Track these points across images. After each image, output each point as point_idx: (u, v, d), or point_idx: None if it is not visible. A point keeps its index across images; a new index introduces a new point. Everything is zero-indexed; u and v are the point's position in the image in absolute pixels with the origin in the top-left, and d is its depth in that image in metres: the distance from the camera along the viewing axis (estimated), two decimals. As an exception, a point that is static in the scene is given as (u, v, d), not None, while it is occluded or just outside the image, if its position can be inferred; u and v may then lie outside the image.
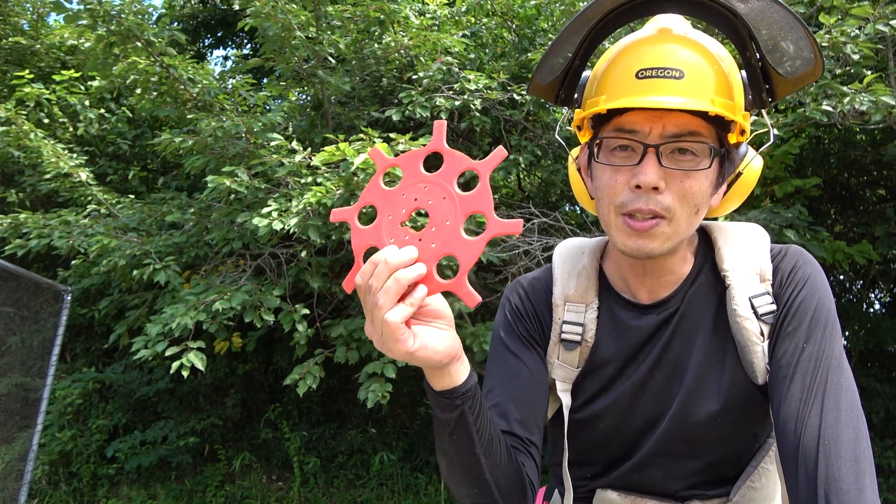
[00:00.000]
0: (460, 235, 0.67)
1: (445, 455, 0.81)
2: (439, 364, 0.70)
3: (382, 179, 0.74)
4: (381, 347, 0.67)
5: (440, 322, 0.71)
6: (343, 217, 0.74)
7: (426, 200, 0.70)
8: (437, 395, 0.75)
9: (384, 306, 0.64)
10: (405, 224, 0.71)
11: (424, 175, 0.71)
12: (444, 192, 0.69)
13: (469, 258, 0.67)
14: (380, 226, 0.71)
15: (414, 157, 0.72)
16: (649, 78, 0.79)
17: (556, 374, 0.97)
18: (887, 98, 2.72)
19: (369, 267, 0.67)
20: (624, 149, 0.83)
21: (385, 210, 0.72)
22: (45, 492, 4.77)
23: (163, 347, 3.09)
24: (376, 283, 0.65)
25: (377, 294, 0.65)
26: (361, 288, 0.67)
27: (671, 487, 0.94)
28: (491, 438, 0.80)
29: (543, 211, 3.77)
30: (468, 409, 0.75)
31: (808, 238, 3.21)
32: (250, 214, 3.23)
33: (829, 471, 0.71)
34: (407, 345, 0.66)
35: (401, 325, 0.64)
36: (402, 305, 0.65)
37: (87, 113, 5.31)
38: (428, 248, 0.68)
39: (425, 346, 0.67)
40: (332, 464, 5.06)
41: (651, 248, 0.83)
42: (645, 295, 0.94)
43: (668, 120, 0.80)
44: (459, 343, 0.73)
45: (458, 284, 0.67)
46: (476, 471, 0.80)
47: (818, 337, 0.82)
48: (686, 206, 0.82)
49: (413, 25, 4.40)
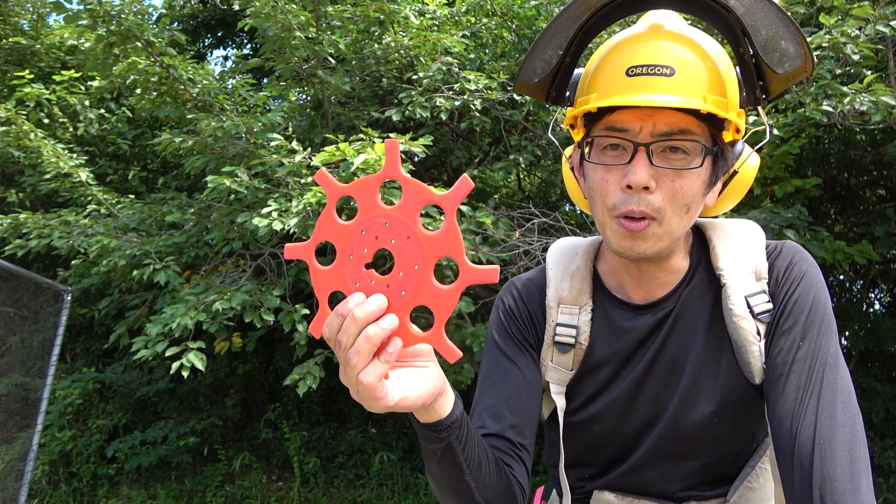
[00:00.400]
0: (431, 283, 0.61)
1: (435, 479, 0.80)
2: (423, 407, 0.68)
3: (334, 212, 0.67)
4: (360, 401, 0.63)
5: (420, 360, 0.67)
6: (298, 255, 0.67)
7: (388, 239, 0.63)
8: (422, 427, 0.73)
9: (357, 366, 0.59)
10: (368, 266, 0.64)
11: (382, 208, 0.64)
12: (407, 230, 0.62)
13: (444, 310, 0.61)
14: (341, 267, 0.65)
15: (367, 186, 0.65)
16: (639, 76, 0.78)
17: (550, 377, 0.96)
18: (887, 98, 2.71)
19: (336, 320, 0.61)
20: (615, 147, 0.82)
21: (344, 249, 0.65)
22: (45, 492, 4.77)
23: (163, 347, 3.09)
24: (346, 340, 0.60)
25: (348, 352, 0.60)
26: (330, 340, 0.62)
27: (668, 488, 0.93)
28: (480, 462, 0.78)
29: (543, 211, 3.77)
30: (455, 440, 0.74)
31: (808, 238, 3.21)
32: (250, 214, 3.23)
33: (825, 470, 0.71)
34: (386, 401, 0.61)
35: (377, 384, 0.60)
36: (377, 363, 0.60)
37: (87, 113, 5.32)
38: (398, 295, 0.62)
39: (405, 398, 0.63)
40: (332, 464, 5.06)
41: (643, 248, 0.82)
42: (640, 295, 0.94)
43: (659, 118, 0.79)
44: (443, 377, 0.69)
45: (436, 338, 0.62)
46: (466, 494, 0.79)
47: (814, 335, 0.81)
48: (676, 206, 0.81)
49: (413, 25, 4.40)
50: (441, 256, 0.61)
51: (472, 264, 0.60)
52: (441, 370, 0.69)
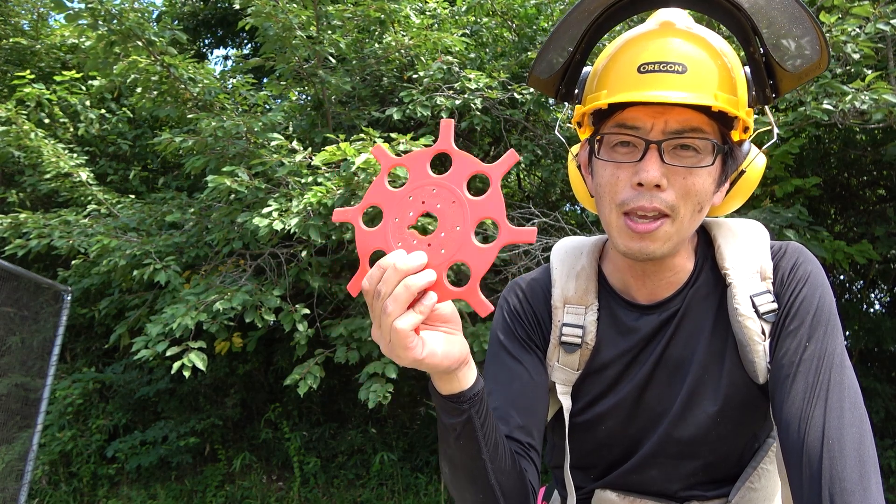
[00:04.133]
0: (472, 242, 0.65)
1: (450, 460, 0.80)
2: (448, 370, 0.69)
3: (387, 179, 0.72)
4: (389, 354, 0.66)
5: (448, 326, 0.69)
6: (346, 218, 0.72)
7: (434, 204, 0.67)
8: (443, 399, 0.73)
9: (393, 313, 0.63)
10: (412, 228, 0.68)
11: (432, 177, 0.68)
12: (453, 195, 0.66)
13: (481, 266, 0.64)
14: (386, 228, 0.69)
15: (420, 157, 0.69)
16: (651, 72, 0.78)
17: (556, 377, 0.96)
18: (889, 96, 2.71)
19: (377, 272, 0.64)
20: (625, 145, 0.82)
21: (391, 212, 0.69)
22: (45, 492, 4.77)
23: (163, 348, 3.09)
24: (385, 289, 0.63)
25: (386, 301, 0.63)
26: (369, 293, 0.65)
27: (670, 488, 0.93)
28: (496, 443, 0.79)
29: (543, 211, 3.76)
30: (475, 414, 0.74)
31: (808, 238, 3.21)
32: (250, 214, 3.23)
33: (834, 470, 0.70)
34: (416, 352, 0.64)
35: (410, 333, 0.63)
36: (412, 313, 0.63)
37: (88, 113, 5.31)
38: (438, 253, 0.65)
39: (434, 353, 0.66)
40: (332, 464, 5.06)
41: (652, 249, 0.82)
42: (644, 295, 0.93)
43: (671, 115, 0.79)
44: (468, 347, 0.72)
45: (471, 293, 0.65)
46: (481, 476, 0.79)
47: (820, 335, 0.81)
48: (689, 204, 0.81)
49: (413, 25, 4.40)
50: (483, 219, 0.65)
51: (512, 226, 0.64)
52: (466, 342, 0.72)
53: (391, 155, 0.71)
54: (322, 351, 3.44)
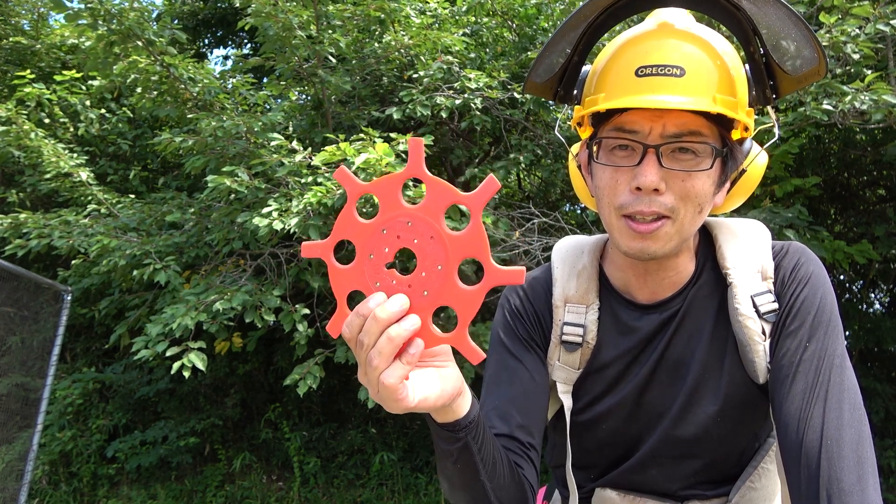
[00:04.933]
0: (455, 284, 0.60)
1: (449, 479, 0.80)
2: (443, 407, 0.67)
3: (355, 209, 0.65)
4: (379, 402, 0.62)
5: (439, 360, 0.66)
6: (316, 253, 0.65)
7: (411, 239, 0.61)
8: (439, 427, 0.72)
9: (378, 367, 0.59)
10: (390, 265, 0.63)
11: (405, 207, 0.62)
12: (431, 230, 0.61)
13: (468, 310, 0.60)
14: (361, 266, 0.63)
15: (390, 183, 0.63)
16: (649, 76, 0.77)
17: (557, 376, 0.96)
18: (889, 97, 2.71)
19: (356, 320, 0.60)
20: (624, 148, 0.82)
21: (364, 248, 0.63)
22: (45, 492, 4.77)
23: (163, 348, 3.09)
24: (367, 340, 0.59)
25: (369, 352, 0.59)
26: (351, 341, 0.61)
27: (670, 487, 0.93)
28: (494, 462, 0.78)
29: (543, 211, 3.76)
30: (472, 440, 0.73)
31: (808, 238, 3.21)
32: (250, 214, 3.23)
33: (832, 471, 0.70)
34: (407, 402, 0.61)
35: (399, 386, 0.59)
36: (399, 365, 0.59)
37: (88, 113, 5.31)
38: (420, 295, 0.61)
39: (426, 398, 0.63)
40: (332, 464, 5.06)
41: (654, 249, 0.82)
42: (646, 295, 0.93)
43: (669, 119, 0.78)
44: (461, 378, 0.69)
45: (460, 339, 0.60)
46: (481, 495, 0.79)
47: (821, 336, 0.81)
48: (689, 206, 0.81)
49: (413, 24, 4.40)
50: (465, 257, 0.60)
51: (498, 265, 0.59)
52: (459, 370, 0.69)
53: (357, 181, 0.64)
54: (322, 351, 3.44)
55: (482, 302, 0.61)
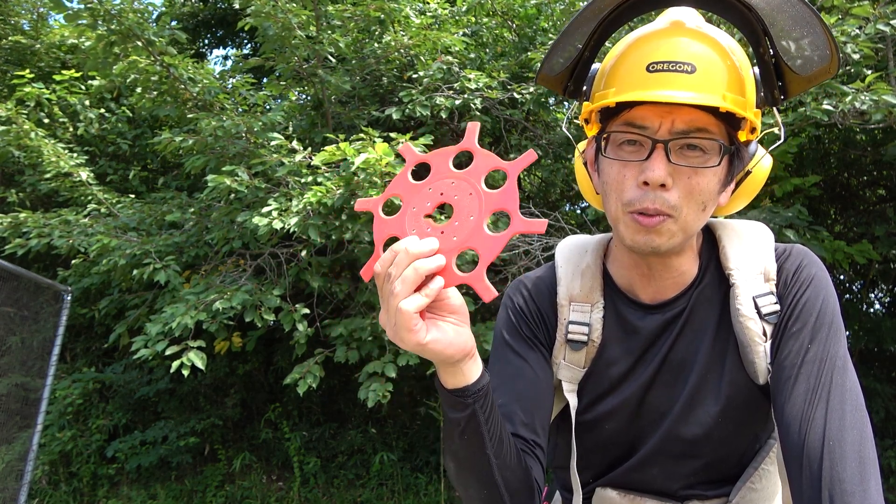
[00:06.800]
0: (483, 230, 0.67)
1: (455, 456, 0.80)
2: (451, 359, 0.70)
3: (410, 174, 0.75)
4: (394, 337, 0.67)
5: (455, 317, 0.70)
6: (367, 207, 0.75)
7: (452, 195, 0.70)
8: (448, 393, 0.74)
9: (400, 294, 0.64)
10: (429, 217, 0.71)
11: (452, 171, 0.71)
12: (471, 188, 0.69)
13: (490, 253, 0.67)
14: (403, 217, 0.72)
15: (444, 154, 0.73)
16: (660, 72, 0.78)
17: (563, 375, 0.96)
18: (889, 97, 2.71)
19: (389, 255, 0.67)
20: (632, 143, 0.82)
21: (410, 202, 0.72)
22: (45, 492, 4.77)
23: (163, 347, 3.09)
24: (395, 272, 0.65)
25: (394, 282, 0.65)
26: (380, 276, 0.67)
27: (671, 487, 0.93)
28: (501, 438, 0.79)
29: (543, 211, 3.77)
30: (479, 409, 0.75)
31: (808, 238, 3.21)
32: (250, 214, 3.23)
33: (834, 472, 0.70)
34: (419, 335, 0.65)
35: (414, 315, 0.64)
36: (418, 295, 0.65)
37: (87, 113, 5.31)
38: (449, 240, 0.68)
39: (437, 340, 0.67)
40: (332, 464, 5.06)
41: (658, 243, 0.82)
42: (650, 295, 0.93)
43: (678, 115, 0.79)
44: (473, 340, 0.72)
45: (477, 278, 0.67)
46: (486, 471, 0.79)
47: (823, 338, 0.81)
48: (693, 204, 0.81)
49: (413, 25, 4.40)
50: (497, 210, 0.68)
51: (523, 217, 0.65)
52: (472, 335, 0.72)
53: (417, 152, 0.75)
54: (322, 350, 3.44)
55: (503, 246, 0.67)
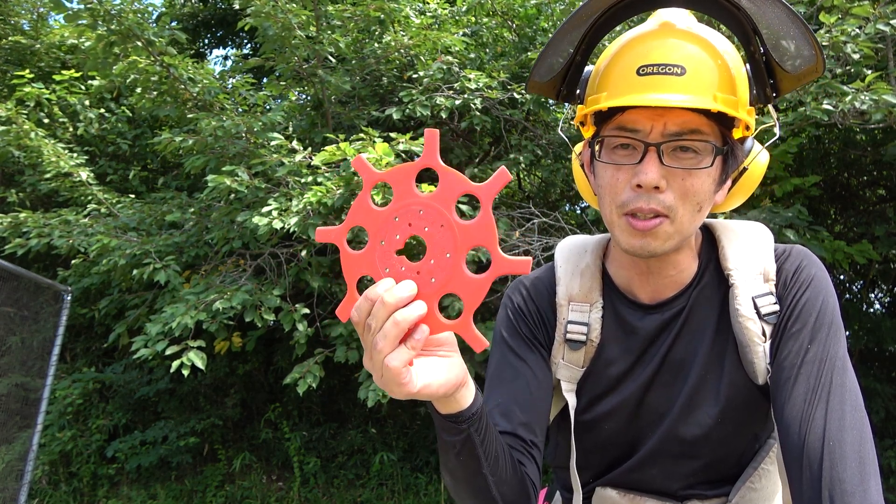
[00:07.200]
0: (463, 272, 0.62)
1: (451, 474, 0.80)
2: (445, 396, 0.68)
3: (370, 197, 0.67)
4: (383, 387, 0.64)
5: (444, 350, 0.67)
6: (329, 238, 0.68)
7: (422, 227, 0.63)
8: (442, 418, 0.73)
9: (383, 350, 0.60)
10: (401, 252, 0.65)
11: (418, 196, 0.64)
12: (442, 218, 0.62)
13: (474, 298, 0.62)
14: (373, 253, 0.65)
15: (404, 172, 0.65)
16: (650, 75, 0.78)
17: (562, 375, 0.96)
18: (889, 97, 2.71)
19: (365, 304, 0.62)
20: (625, 147, 0.82)
21: (376, 234, 0.65)
22: (45, 492, 4.77)
23: (163, 347, 3.09)
24: (374, 324, 0.61)
25: (375, 336, 0.61)
26: (358, 325, 0.63)
27: (670, 486, 0.93)
28: (497, 456, 0.79)
29: (543, 211, 3.76)
30: (474, 432, 0.74)
31: (808, 238, 3.21)
32: (250, 214, 3.23)
33: (834, 472, 0.71)
34: (409, 387, 0.62)
35: (402, 370, 0.61)
36: (403, 349, 0.61)
37: (87, 113, 5.31)
38: (427, 282, 0.62)
39: (428, 385, 0.64)
40: (332, 464, 5.06)
41: (654, 246, 0.82)
42: (649, 294, 0.93)
43: (670, 118, 0.79)
44: (465, 369, 0.69)
45: (464, 326, 0.62)
46: (483, 488, 0.79)
47: (822, 338, 0.81)
48: (688, 205, 0.81)
49: (413, 25, 4.40)
50: (474, 246, 0.62)
51: (505, 255, 0.60)
52: (463, 361, 0.70)
53: (374, 169, 0.67)
54: (322, 350, 3.44)
55: (487, 290, 0.62)
